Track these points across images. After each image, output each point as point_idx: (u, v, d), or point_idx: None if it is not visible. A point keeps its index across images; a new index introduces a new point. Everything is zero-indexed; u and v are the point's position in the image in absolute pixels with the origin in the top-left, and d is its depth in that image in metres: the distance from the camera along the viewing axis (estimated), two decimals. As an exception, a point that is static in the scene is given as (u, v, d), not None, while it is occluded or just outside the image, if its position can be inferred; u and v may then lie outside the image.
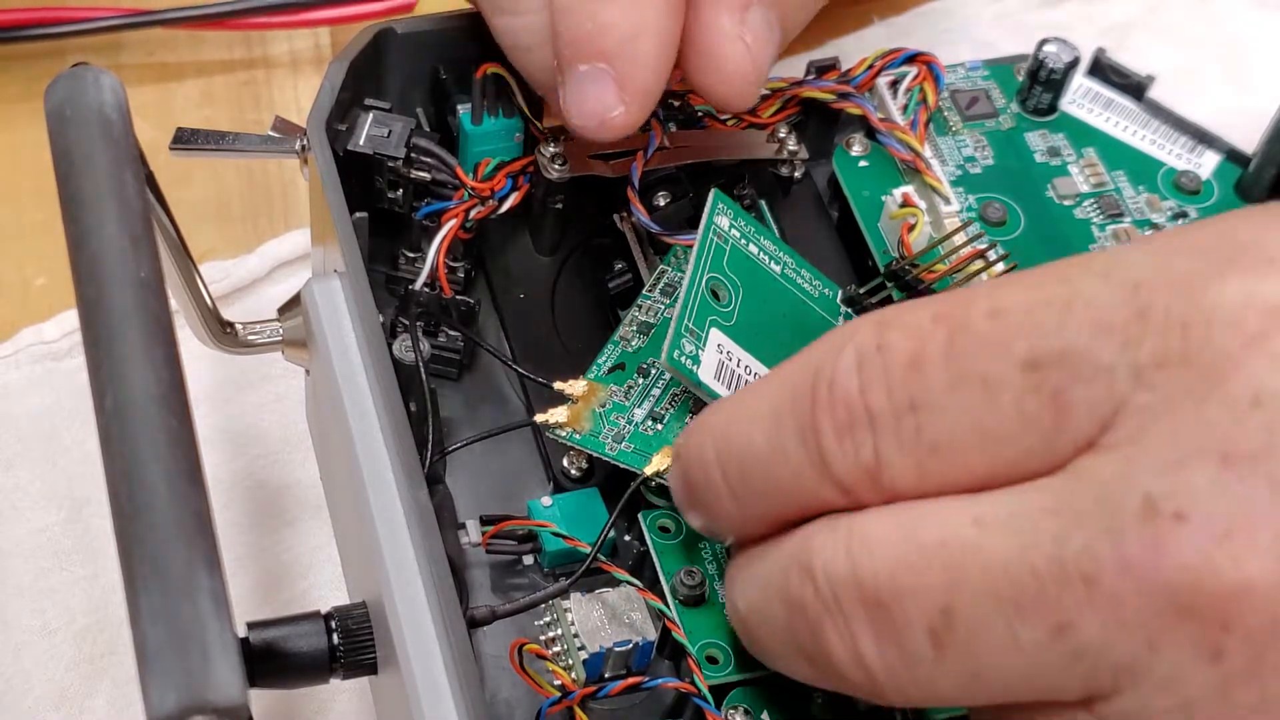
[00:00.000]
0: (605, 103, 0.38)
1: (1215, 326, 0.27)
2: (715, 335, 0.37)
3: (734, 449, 0.32)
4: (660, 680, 0.37)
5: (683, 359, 0.36)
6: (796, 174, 0.47)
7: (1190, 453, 0.26)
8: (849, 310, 0.40)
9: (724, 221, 0.39)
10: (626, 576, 0.38)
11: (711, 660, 0.37)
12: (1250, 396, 0.26)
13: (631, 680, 0.37)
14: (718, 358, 0.37)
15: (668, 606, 0.38)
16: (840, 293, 0.41)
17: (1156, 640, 0.27)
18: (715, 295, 0.38)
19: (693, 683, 0.37)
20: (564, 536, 0.39)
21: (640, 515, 0.40)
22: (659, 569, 0.39)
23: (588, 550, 0.38)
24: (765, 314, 0.39)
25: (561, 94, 0.39)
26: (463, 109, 0.44)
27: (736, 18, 0.38)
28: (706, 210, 0.40)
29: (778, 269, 0.39)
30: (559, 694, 0.36)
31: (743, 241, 0.39)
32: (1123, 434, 0.27)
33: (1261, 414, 0.26)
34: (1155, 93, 0.50)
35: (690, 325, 0.37)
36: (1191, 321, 0.27)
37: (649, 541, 0.39)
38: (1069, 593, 0.27)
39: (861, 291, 0.40)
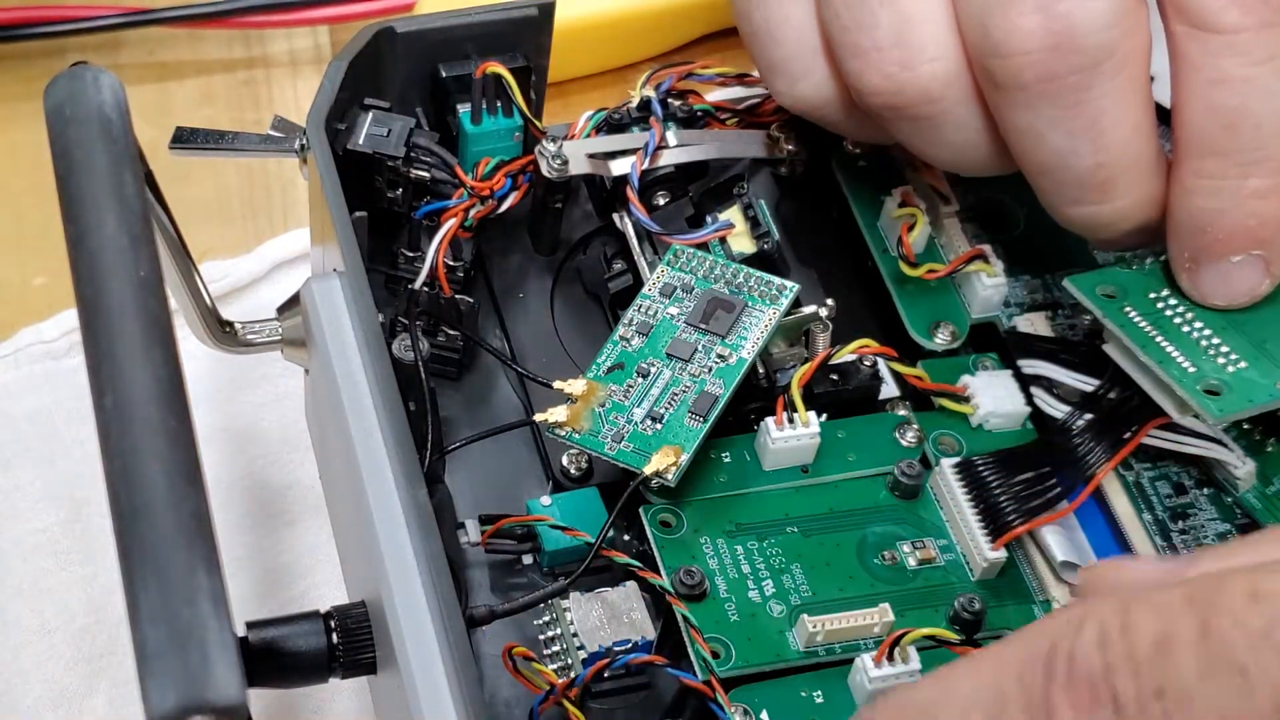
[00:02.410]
0: (1254, 282, 0.40)
1: None
2: None
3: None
4: (633, 655, 0.37)
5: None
6: (797, 173, 0.47)
7: None
8: None
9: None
10: (629, 559, 0.37)
11: (714, 655, 0.37)
12: None
13: (601, 663, 0.37)
14: None
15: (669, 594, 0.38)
16: None
17: None
18: None
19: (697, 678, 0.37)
20: (563, 528, 0.39)
21: (641, 510, 0.40)
22: (660, 564, 0.39)
23: (588, 546, 0.38)
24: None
25: (1193, 275, 0.40)
26: (462, 109, 0.44)
27: None
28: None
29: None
30: (548, 689, 0.36)
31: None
32: None
33: None
34: (1154, 92, 0.50)
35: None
36: None
37: (650, 536, 0.39)
38: None
39: None
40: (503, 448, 0.43)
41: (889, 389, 0.43)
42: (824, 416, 0.41)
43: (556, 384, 0.40)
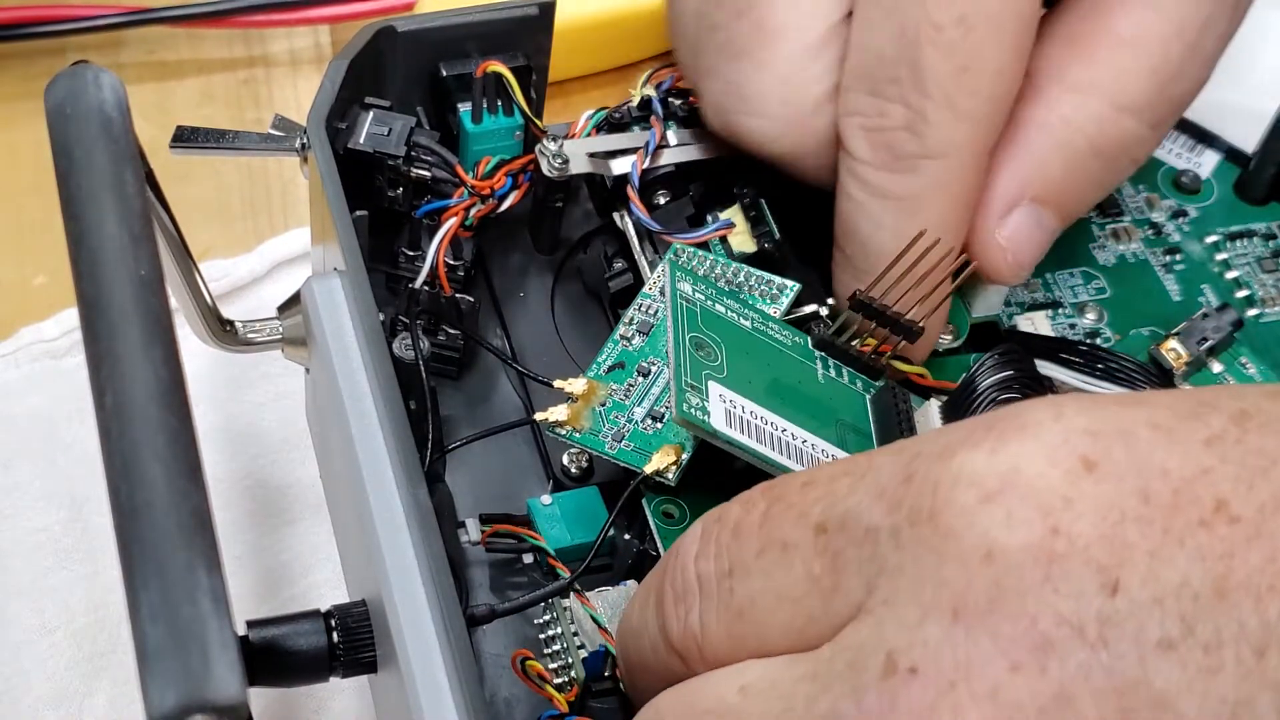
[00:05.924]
0: None
1: (959, 486, 0.27)
2: (714, 387, 0.38)
3: (622, 631, 0.34)
4: None
5: (694, 411, 0.36)
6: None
7: (929, 608, 0.27)
8: (822, 355, 0.40)
9: (686, 287, 0.40)
10: (595, 612, 0.37)
11: None
12: (982, 552, 0.27)
13: None
14: (723, 407, 0.37)
15: None
16: (809, 339, 0.41)
17: None
18: (700, 349, 0.38)
19: None
20: (552, 558, 0.39)
21: (644, 500, 0.39)
22: (662, 555, 0.39)
23: (586, 550, 0.38)
24: (751, 364, 0.39)
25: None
26: (463, 108, 0.44)
27: (994, 223, 0.41)
28: (667, 277, 0.40)
29: (748, 325, 0.40)
30: (560, 713, 0.36)
31: (709, 303, 0.40)
32: (880, 596, 0.28)
33: (991, 568, 0.27)
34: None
35: (689, 381, 0.37)
36: (940, 482, 0.28)
37: (652, 526, 0.39)
38: None
39: (830, 333, 0.40)
40: (503, 447, 0.43)
41: (889, 388, 0.43)
42: (824, 416, 0.41)
43: (557, 383, 0.40)
